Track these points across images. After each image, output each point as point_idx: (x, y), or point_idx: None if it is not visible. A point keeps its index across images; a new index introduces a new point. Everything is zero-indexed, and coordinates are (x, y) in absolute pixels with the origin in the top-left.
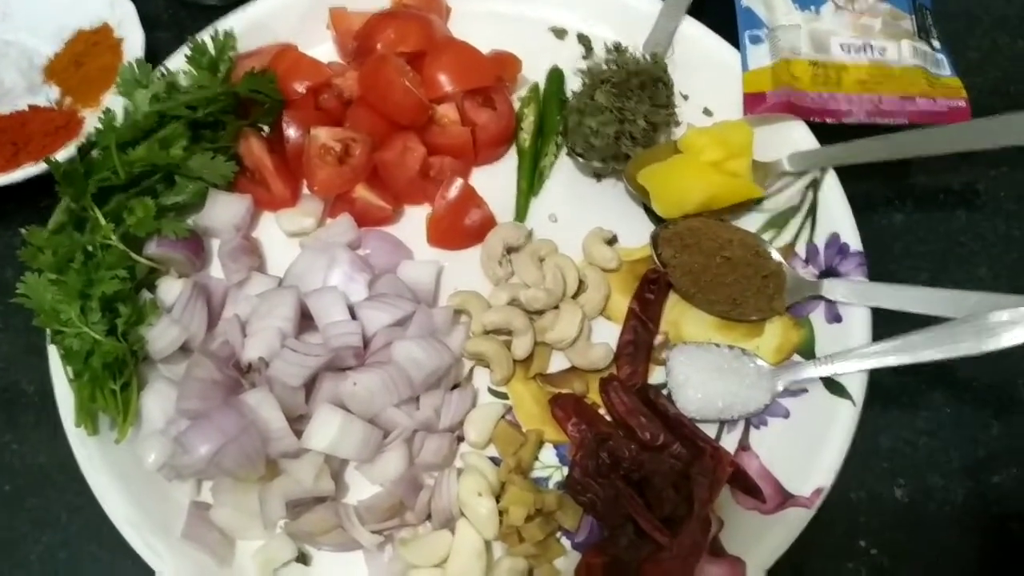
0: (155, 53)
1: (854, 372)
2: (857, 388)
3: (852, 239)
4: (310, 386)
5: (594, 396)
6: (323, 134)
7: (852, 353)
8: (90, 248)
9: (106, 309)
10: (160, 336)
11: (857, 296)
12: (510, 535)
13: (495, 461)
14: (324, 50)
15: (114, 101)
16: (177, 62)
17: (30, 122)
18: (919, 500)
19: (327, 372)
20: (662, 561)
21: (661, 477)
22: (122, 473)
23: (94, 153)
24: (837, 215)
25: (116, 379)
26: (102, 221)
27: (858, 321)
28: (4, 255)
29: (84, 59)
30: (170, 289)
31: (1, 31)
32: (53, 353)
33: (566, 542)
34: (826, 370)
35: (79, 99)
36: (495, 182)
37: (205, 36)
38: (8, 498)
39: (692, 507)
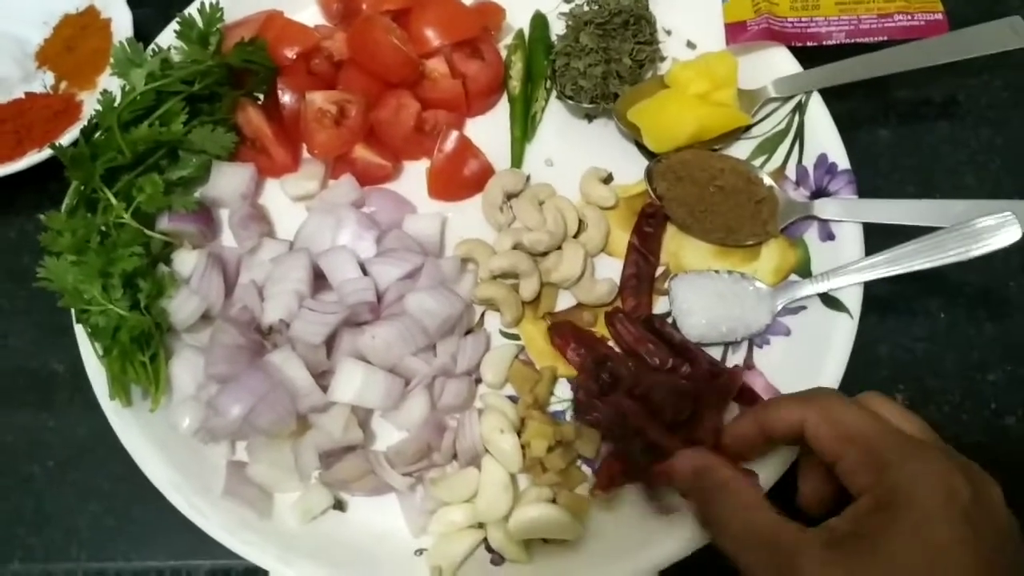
0: (142, 31)
1: (849, 286)
2: (853, 301)
3: (840, 158)
4: (330, 343)
5: (601, 329)
6: (318, 98)
7: (846, 268)
8: (104, 228)
9: (127, 285)
10: (181, 307)
11: (848, 213)
12: (534, 467)
13: (513, 399)
14: (309, 14)
15: (110, 82)
16: (166, 38)
17: (29, 109)
18: (919, 403)
19: (345, 328)
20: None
21: (660, 388)
22: (159, 440)
23: (97, 135)
24: (824, 136)
25: (144, 351)
26: (113, 201)
27: (850, 237)
28: (18, 242)
29: (75, 43)
30: (186, 261)
31: None
32: (80, 332)
33: (586, 469)
34: (823, 286)
35: (75, 83)
36: (489, 132)
37: (192, 10)
38: (52, 473)
39: (696, 413)
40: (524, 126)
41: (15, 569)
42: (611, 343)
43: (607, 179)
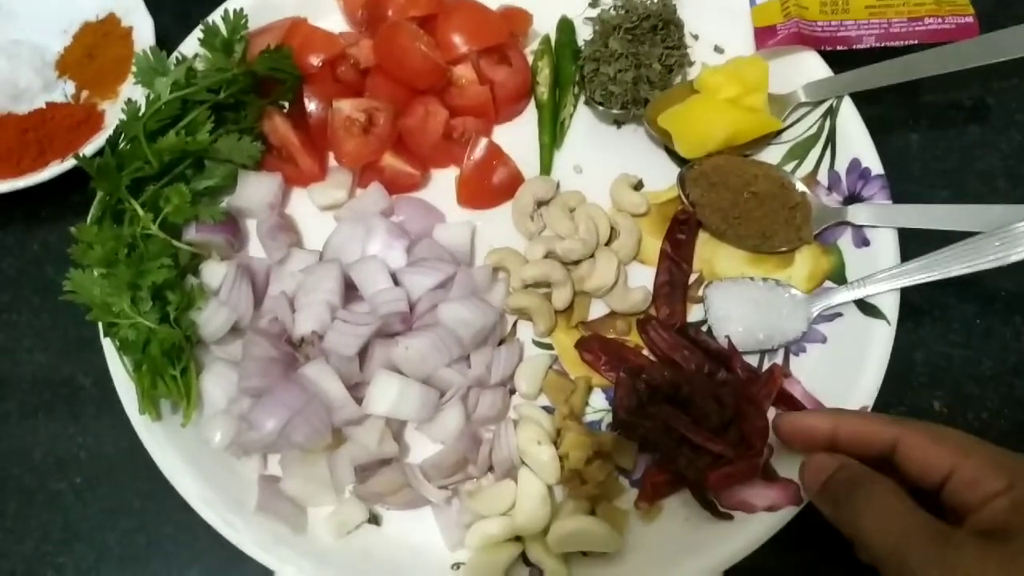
0: (163, 39)
1: (886, 292)
2: (890, 307)
3: (873, 163)
4: (362, 354)
5: (635, 338)
6: (346, 106)
7: (882, 274)
8: (131, 240)
9: (156, 298)
10: (211, 319)
11: (882, 218)
12: (571, 479)
13: (548, 410)
14: (333, 21)
15: (132, 91)
16: (190, 46)
17: (51, 120)
18: (957, 410)
19: (377, 339)
20: (725, 467)
21: (701, 392)
22: (190, 454)
23: (121, 145)
24: (856, 141)
25: (175, 365)
26: (140, 212)
27: (885, 243)
28: (41, 254)
29: (96, 51)
30: (214, 272)
31: (8, 31)
32: (108, 345)
33: (623, 480)
34: (859, 293)
35: (96, 92)
36: (518, 138)
37: (216, 17)
38: (80, 490)
39: (738, 415)
40: (553, 132)
41: None
42: (644, 352)
43: (638, 185)
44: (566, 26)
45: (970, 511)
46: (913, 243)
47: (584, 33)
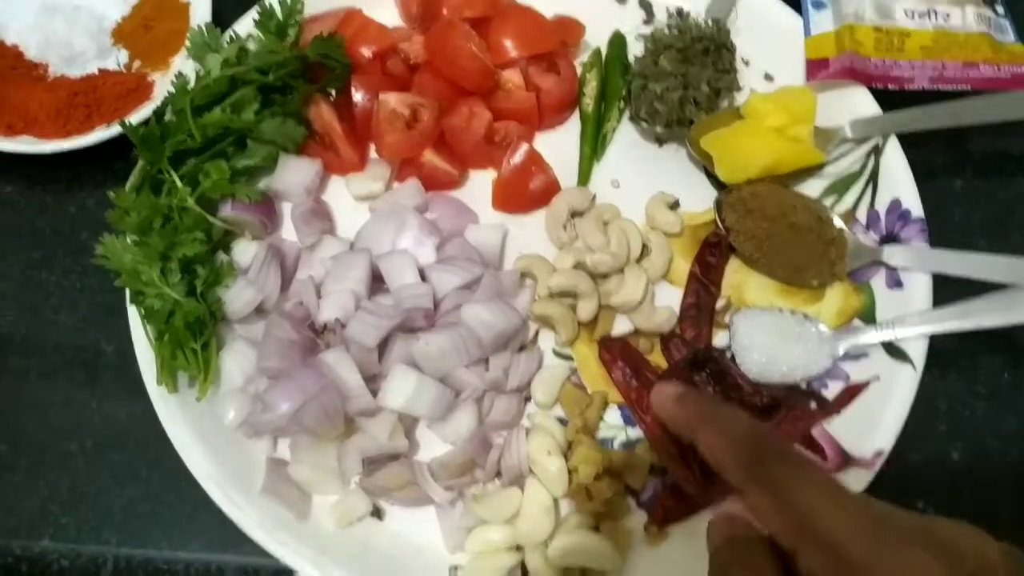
0: (219, 17)
1: (915, 337)
2: (918, 353)
3: (914, 205)
4: (381, 347)
5: (657, 358)
6: (392, 99)
7: (913, 318)
8: (167, 211)
9: (185, 270)
10: (237, 297)
11: (918, 262)
12: (578, 493)
13: (561, 422)
14: (387, 15)
15: (184, 64)
16: (244, 27)
17: (101, 86)
18: (975, 462)
19: (398, 333)
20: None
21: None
22: (202, 430)
23: (167, 116)
24: (899, 181)
25: (197, 339)
26: (179, 184)
27: (919, 287)
28: (77, 216)
29: (152, 23)
30: (245, 251)
31: None
32: (132, 313)
33: (630, 501)
34: (887, 335)
35: (148, 62)
36: (558, 147)
37: (272, 0)
38: (90, 453)
39: None
40: (594, 144)
41: (44, 546)
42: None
43: (674, 205)
44: (618, 41)
45: None
46: (947, 290)
47: (635, 51)
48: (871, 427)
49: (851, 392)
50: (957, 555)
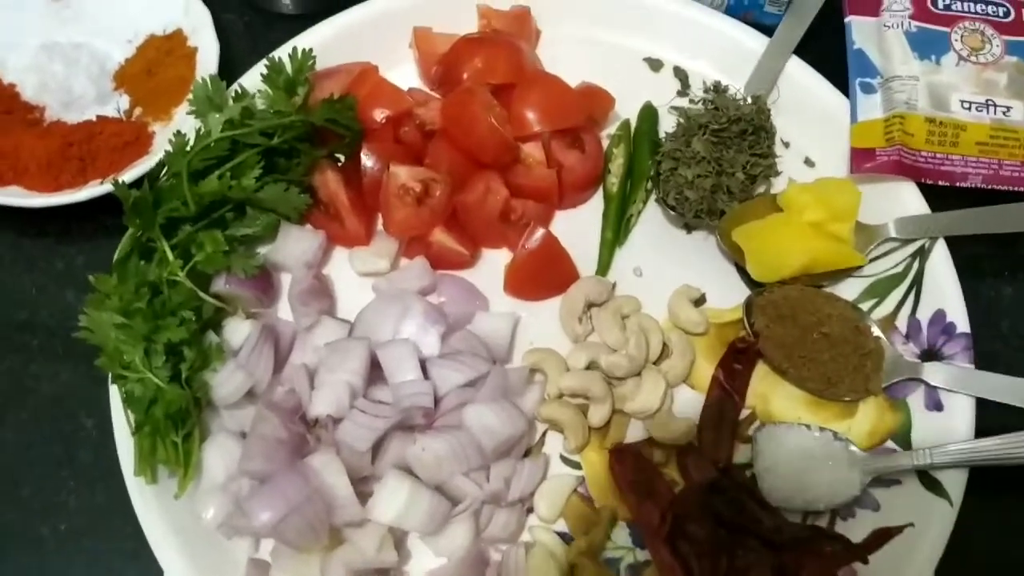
0: (229, 64)
1: (953, 467)
2: (956, 486)
3: (959, 318)
4: (376, 445)
5: (672, 472)
6: (403, 173)
7: (952, 448)
8: (156, 283)
9: (171, 352)
10: (225, 382)
11: (961, 384)
12: None
13: (564, 536)
14: (405, 71)
15: (185, 121)
16: (252, 80)
17: (98, 135)
18: None
19: (395, 431)
20: None
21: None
22: (179, 525)
23: (163, 176)
24: (945, 290)
25: (179, 430)
26: (170, 256)
27: (961, 411)
28: (64, 274)
29: (156, 68)
30: (237, 331)
31: (71, 34)
32: (114, 392)
33: None
34: (923, 463)
35: (149, 111)
36: (579, 227)
37: (282, 54)
38: (63, 538)
39: None
40: (617, 229)
41: None
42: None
43: (699, 300)
44: (649, 115)
45: None
46: (993, 413)
47: (667, 123)
48: (901, 564)
49: (881, 537)
50: None
